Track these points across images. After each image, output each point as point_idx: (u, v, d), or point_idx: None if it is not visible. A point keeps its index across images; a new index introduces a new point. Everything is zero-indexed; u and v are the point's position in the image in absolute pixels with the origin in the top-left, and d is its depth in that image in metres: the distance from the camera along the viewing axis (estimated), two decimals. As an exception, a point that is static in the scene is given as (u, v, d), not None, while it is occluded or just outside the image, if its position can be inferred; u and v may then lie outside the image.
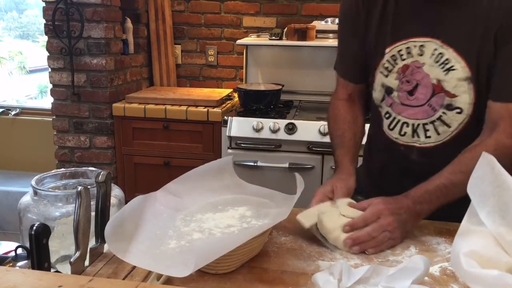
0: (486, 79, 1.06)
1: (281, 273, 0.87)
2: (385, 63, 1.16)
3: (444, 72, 1.08)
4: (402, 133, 1.17)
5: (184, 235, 0.89)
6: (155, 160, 2.54)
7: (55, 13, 2.38)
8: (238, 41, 2.74)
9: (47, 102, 3.09)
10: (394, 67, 1.15)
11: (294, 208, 0.91)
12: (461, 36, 1.07)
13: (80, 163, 2.58)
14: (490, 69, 1.05)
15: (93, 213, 0.87)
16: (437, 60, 1.09)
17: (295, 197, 0.92)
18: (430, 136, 1.14)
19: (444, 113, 1.11)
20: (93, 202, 0.86)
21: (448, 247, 0.97)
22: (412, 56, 1.12)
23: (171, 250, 0.85)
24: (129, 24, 2.72)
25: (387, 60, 1.15)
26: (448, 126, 1.11)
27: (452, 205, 0.99)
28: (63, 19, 2.40)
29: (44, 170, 1.09)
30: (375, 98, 1.21)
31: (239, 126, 2.32)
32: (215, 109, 2.45)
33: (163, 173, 2.51)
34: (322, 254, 0.95)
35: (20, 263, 0.85)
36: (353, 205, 1.04)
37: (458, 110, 1.09)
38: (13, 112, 3.17)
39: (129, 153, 2.57)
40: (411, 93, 1.13)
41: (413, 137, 1.15)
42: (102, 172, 0.89)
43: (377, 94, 1.20)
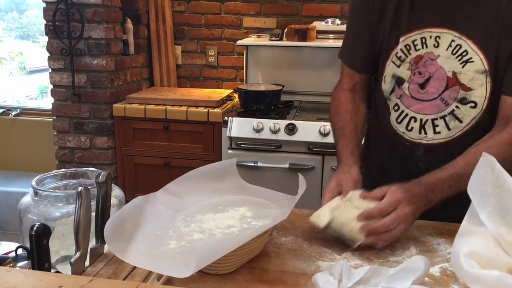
0: (504, 74, 1.05)
1: (281, 274, 0.87)
2: (398, 52, 1.14)
3: (461, 64, 1.07)
4: (409, 128, 1.15)
5: (185, 236, 0.89)
6: (155, 160, 2.54)
7: (56, 13, 2.38)
8: (239, 42, 2.73)
9: (47, 102, 3.09)
10: (407, 57, 1.13)
11: (295, 208, 0.91)
12: (480, 28, 1.05)
13: (80, 163, 2.58)
14: (508, 64, 1.04)
15: (93, 214, 0.87)
16: (454, 52, 1.07)
17: (295, 197, 0.92)
18: (439, 132, 1.12)
19: (457, 107, 1.09)
20: (93, 203, 0.86)
21: (448, 247, 0.97)
22: (426, 47, 1.10)
23: (171, 251, 0.84)
24: (129, 24, 2.72)
25: (401, 49, 1.14)
26: (460, 121, 1.10)
27: (452, 206, 0.99)
28: (64, 20, 2.40)
29: (44, 170, 1.09)
30: (384, 90, 1.19)
31: (239, 127, 2.32)
32: (216, 110, 2.45)
33: (163, 174, 2.51)
34: (322, 254, 0.95)
35: (20, 264, 0.85)
36: (367, 195, 1.00)
37: (472, 104, 1.08)
38: (13, 113, 3.16)
39: (129, 153, 2.57)
40: (422, 86, 1.12)
41: (420, 133, 1.14)
42: (103, 173, 0.89)
43: (386, 86, 1.18)
